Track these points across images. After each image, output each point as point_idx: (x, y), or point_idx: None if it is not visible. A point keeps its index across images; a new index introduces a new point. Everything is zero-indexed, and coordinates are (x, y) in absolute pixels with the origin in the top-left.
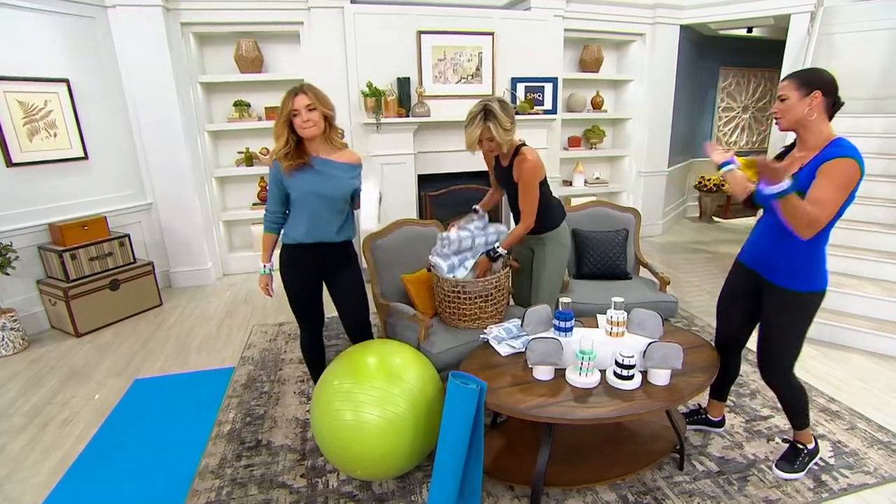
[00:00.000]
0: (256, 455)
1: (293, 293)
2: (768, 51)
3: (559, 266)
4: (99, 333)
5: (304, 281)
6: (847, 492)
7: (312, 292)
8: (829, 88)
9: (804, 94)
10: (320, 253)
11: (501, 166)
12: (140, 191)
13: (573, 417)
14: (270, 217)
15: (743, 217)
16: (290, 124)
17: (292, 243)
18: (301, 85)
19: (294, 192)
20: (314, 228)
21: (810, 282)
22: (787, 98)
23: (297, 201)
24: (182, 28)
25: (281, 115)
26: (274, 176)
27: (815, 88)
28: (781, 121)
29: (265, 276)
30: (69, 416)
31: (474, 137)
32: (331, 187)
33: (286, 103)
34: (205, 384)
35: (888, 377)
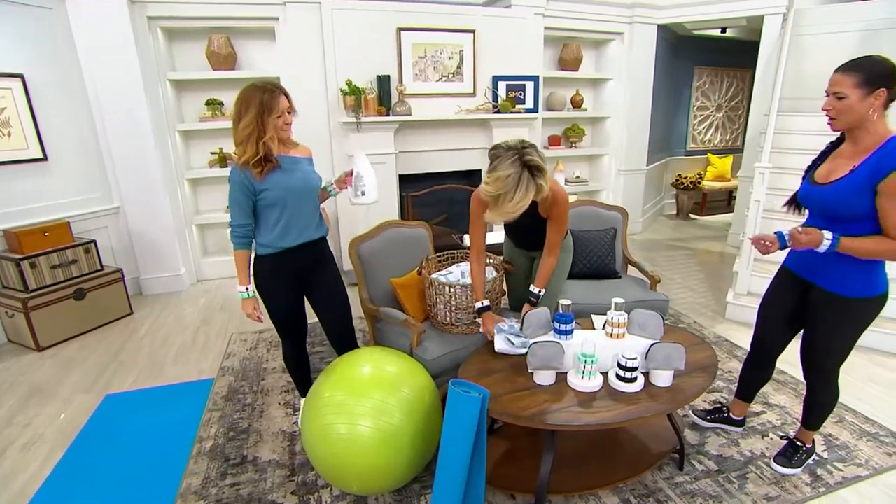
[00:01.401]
0: (242, 472)
1: (279, 306)
2: (740, 51)
3: (566, 272)
4: (63, 347)
5: (289, 290)
6: (842, 485)
7: (299, 301)
8: (893, 83)
9: (867, 92)
10: (302, 255)
11: None
12: (106, 194)
13: (580, 423)
14: (241, 232)
15: (718, 214)
16: (260, 126)
17: (273, 252)
18: (277, 84)
19: (269, 195)
20: (296, 229)
21: (868, 287)
22: (845, 97)
23: (271, 205)
24: (149, 22)
25: (258, 117)
26: (241, 185)
27: (881, 86)
28: (836, 122)
29: (250, 300)
30: (32, 438)
31: (524, 205)
32: (304, 182)
33: (269, 104)
34: (183, 398)
35: (865, 367)
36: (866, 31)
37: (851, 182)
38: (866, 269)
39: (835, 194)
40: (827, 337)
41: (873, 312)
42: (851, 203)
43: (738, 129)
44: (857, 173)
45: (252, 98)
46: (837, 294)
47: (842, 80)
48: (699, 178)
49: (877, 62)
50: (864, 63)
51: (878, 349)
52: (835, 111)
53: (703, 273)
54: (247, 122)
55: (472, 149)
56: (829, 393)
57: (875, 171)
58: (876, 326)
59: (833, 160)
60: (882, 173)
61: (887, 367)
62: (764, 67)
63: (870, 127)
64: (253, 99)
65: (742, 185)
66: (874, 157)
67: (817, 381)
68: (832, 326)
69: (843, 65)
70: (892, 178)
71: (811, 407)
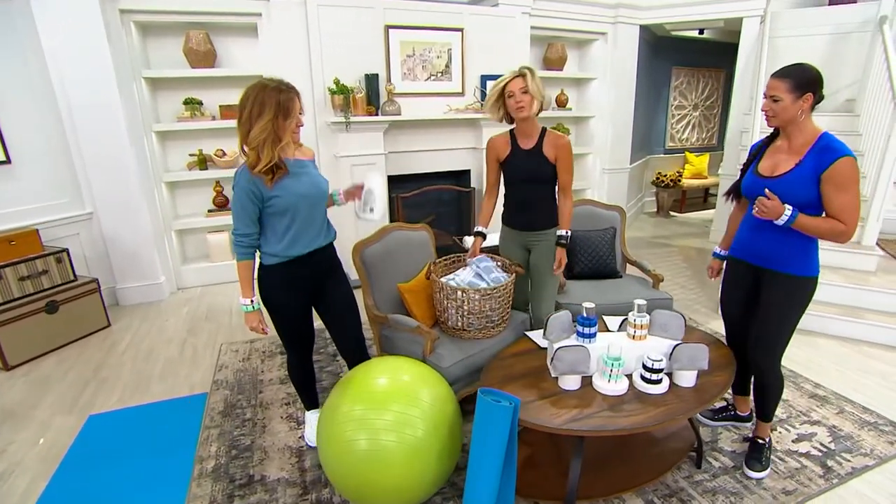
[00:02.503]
0: (251, 493)
1: (288, 317)
2: (715, 52)
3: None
4: (35, 364)
5: (298, 301)
6: (853, 475)
7: (308, 312)
8: (818, 88)
9: (797, 96)
10: (311, 263)
11: (521, 150)
12: (77, 199)
13: (615, 428)
14: (246, 241)
15: (697, 211)
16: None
17: (281, 261)
18: (290, 84)
19: (278, 202)
20: (306, 237)
21: (807, 267)
22: (780, 99)
23: (280, 213)
24: (122, 15)
25: (274, 120)
26: (250, 192)
27: (808, 91)
28: (772, 120)
29: (254, 313)
30: (8, 467)
31: (505, 80)
32: (313, 186)
33: (287, 106)
34: (175, 415)
35: (857, 359)
36: (835, 34)
37: (799, 174)
38: (807, 251)
39: (785, 185)
40: (781, 315)
41: (813, 291)
42: (800, 192)
43: (713, 128)
44: (803, 166)
45: (268, 99)
46: (788, 274)
47: (777, 84)
48: (679, 176)
49: (806, 70)
50: (796, 70)
51: (867, 341)
52: (772, 111)
53: (691, 270)
54: (263, 125)
55: (461, 149)
56: (777, 376)
57: (818, 163)
58: (865, 319)
59: (773, 155)
60: (824, 165)
61: (876, 358)
62: (743, 67)
63: (800, 125)
64: (269, 100)
65: (724, 183)
66: (814, 151)
67: (768, 366)
68: (786, 304)
69: (777, 71)
70: (832, 169)
71: (764, 395)
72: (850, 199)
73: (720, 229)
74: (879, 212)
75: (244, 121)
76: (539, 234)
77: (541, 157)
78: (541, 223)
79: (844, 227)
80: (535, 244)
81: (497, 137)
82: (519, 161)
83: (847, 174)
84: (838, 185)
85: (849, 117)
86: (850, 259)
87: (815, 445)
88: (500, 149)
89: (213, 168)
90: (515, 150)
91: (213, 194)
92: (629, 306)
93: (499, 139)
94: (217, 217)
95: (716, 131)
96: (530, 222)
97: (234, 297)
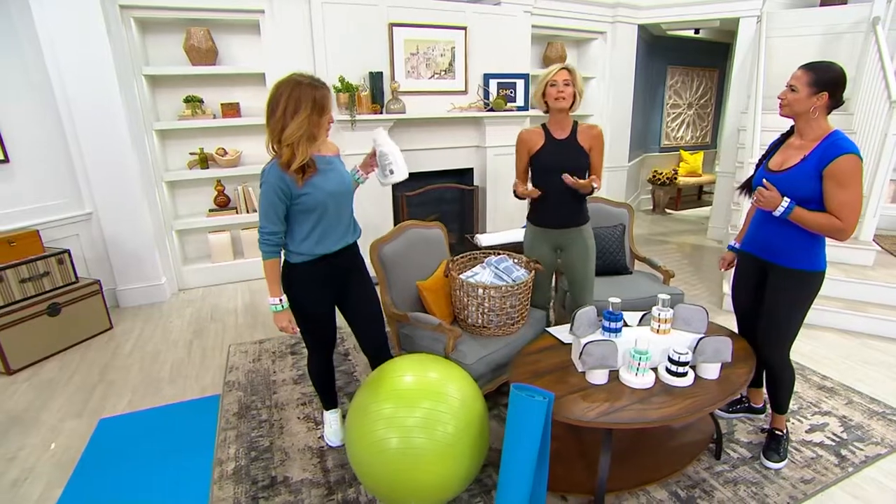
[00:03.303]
0: (275, 495)
1: (314, 316)
2: (709, 52)
3: (593, 258)
4: (38, 368)
5: (324, 300)
6: (867, 464)
7: (333, 311)
8: (836, 91)
9: (814, 91)
10: (339, 260)
11: (555, 140)
12: (76, 199)
13: (647, 420)
14: (274, 239)
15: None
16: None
17: (308, 259)
18: (322, 80)
19: (307, 200)
20: (334, 234)
21: (813, 262)
22: (797, 90)
23: (308, 211)
24: (122, 11)
25: (310, 117)
26: (279, 190)
27: (825, 90)
28: (784, 108)
29: (283, 312)
30: (21, 473)
31: (551, 71)
32: (341, 183)
33: (322, 103)
34: (189, 418)
35: (861, 352)
36: (828, 34)
37: (802, 169)
38: (813, 246)
39: (789, 179)
40: (789, 309)
41: (819, 285)
42: (803, 187)
43: (706, 127)
44: (808, 161)
45: (304, 95)
46: (794, 269)
47: (800, 75)
48: (674, 173)
49: (831, 69)
50: (821, 67)
51: (869, 333)
52: (785, 100)
53: (692, 266)
54: (299, 122)
55: (464, 147)
56: (788, 368)
57: (821, 159)
58: (866, 312)
59: (784, 151)
60: (826, 161)
61: (879, 350)
62: (739, 67)
63: (812, 123)
64: (305, 96)
65: (721, 181)
66: (821, 148)
67: (778, 358)
68: (793, 299)
69: (806, 63)
70: (833, 165)
71: (777, 387)
72: (850, 197)
73: (718, 226)
74: (876, 208)
75: (278, 117)
76: (573, 230)
77: (576, 146)
78: (575, 220)
79: (842, 225)
80: (570, 243)
81: (528, 131)
82: (554, 150)
83: (848, 171)
84: (839, 182)
85: (843, 115)
86: (848, 254)
87: (828, 435)
88: (532, 141)
89: (215, 167)
90: (549, 141)
91: (214, 194)
92: (642, 302)
93: (530, 132)
94: (218, 217)
95: (709, 130)
96: (564, 219)
97: (238, 297)
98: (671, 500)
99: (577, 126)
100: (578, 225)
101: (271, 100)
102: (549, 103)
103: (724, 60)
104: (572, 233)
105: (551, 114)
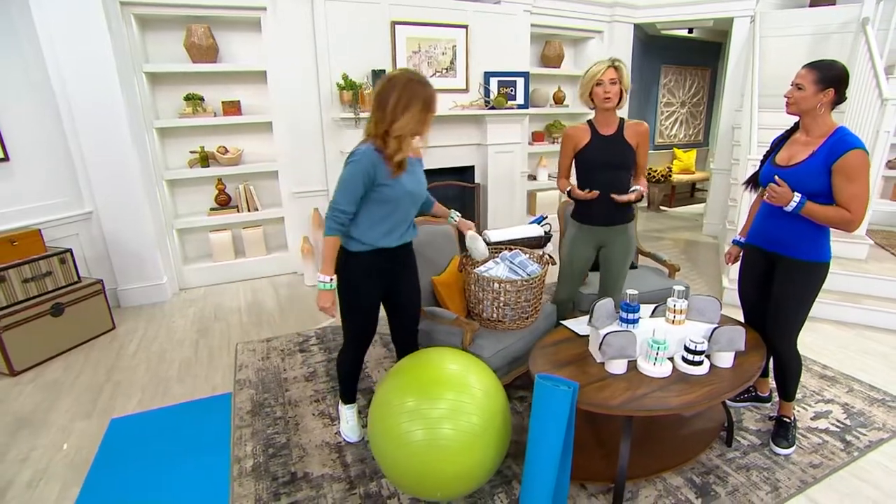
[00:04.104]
0: (297, 490)
1: (365, 307)
2: (702, 51)
3: (631, 255)
4: (42, 369)
5: (375, 293)
6: (871, 448)
7: (379, 304)
8: (840, 87)
9: (820, 88)
10: (396, 256)
11: (602, 137)
12: (76, 197)
13: (669, 407)
14: (343, 219)
15: (687, 205)
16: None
17: (368, 250)
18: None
19: (387, 192)
20: (399, 231)
21: (819, 253)
22: (803, 88)
23: (383, 202)
24: (122, 8)
25: (421, 113)
26: (367, 173)
27: (831, 86)
28: (791, 107)
29: (330, 292)
30: (35, 474)
31: (598, 72)
32: (419, 185)
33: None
34: (201, 416)
35: (857, 342)
36: (817, 34)
37: (811, 164)
38: (818, 238)
39: (798, 175)
40: (796, 299)
41: (825, 275)
42: (811, 182)
43: (699, 125)
44: (816, 157)
45: (417, 91)
46: (802, 260)
47: (805, 74)
48: (669, 171)
49: (835, 66)
50: (825, 65)
51: (865, 324)
52: (792, 98)
53: (689, 261)
54: (411, 116)
55: (465, 145)
56: (796, 357)
57: (830, 154)
58: (862, 304)
59: (790, 146)
60: (835, 156)
61: (875, 340)
62: (734, 66)
63: (818, 119)
64: (418, 93)
65: (716, 177)
66: (828, 143)
67: (785, 347)
68: (800, 289)
69: (810, 62)
70: (842, 160)
71: (785, 375)
72: (859, 190)
73: (713, 222)
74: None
75: (389, 110)
76: (618, 228)
77: (623, 142)
78: (620, 217)
79: (851, 217)
80: (612, 240)
81: (574, 128)
82: (600, 146)
83: (857, 166)
84: (848, 176)
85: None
86: (843, 248)
87: (832, 422)
88: (578, 137)
89: (216, 165)
90: (596, 137)
91: (215, 192)
92: (651, 295)
93: (577, 129)
94: (220, 216)
95: (702, 128)
96: (610, 217)
97: (241, 296)
98: (687, 487)
99: (624, 122)
100: (624, 222)
101: (382, 92)
102: (595, 102)
103: (715, 60)
104: (617, 230)
105: (597, 111)
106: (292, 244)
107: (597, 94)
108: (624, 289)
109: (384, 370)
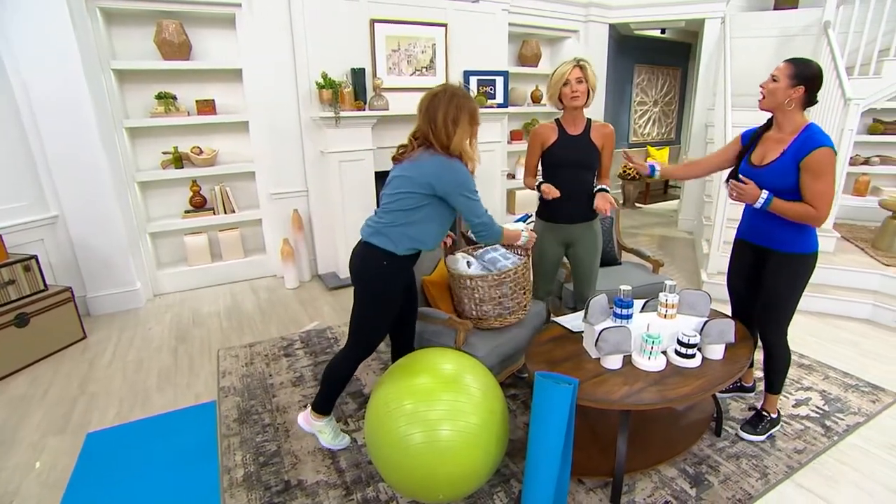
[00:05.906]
0: (292, 499)
1: (391, 312)
2: (673, 51)
3: (599, 252)
4: (6, 384)
5: (400, 298)
6: (849, 432)
7: None
8: (812, 86)
9: (792, 84)
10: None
11: (569, 136)
12: (40, 201)
13: (668, 400)
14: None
15: (662, 202)
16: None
17: (410, 253)
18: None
19: None
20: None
21: (806, 245)
22: (778, 80)
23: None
24: (86, 2)
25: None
26: None
27: (802, 84)
28: (764, 101)
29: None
30: (5, 497)
31: (564, 72)
32: None
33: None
34: (184, 426)
35: (828, 331)
36: (781, 36)
37: (783, 163)
38: (804, 230)
39: (772, 173)
40: (786, 291)
41: (813, 266)
42: (783, 180)
43: (671, 123)
44: (786, 155)
45: (465, 104)
46: (791, 252)
47: (783, 67)
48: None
49: (810, 66)
50: (802, 63)
51: (833, 314)
52: (766, 90)
53: (667, 256)
54: (461, 131)
55: None
56: (786, 349)
57: (798, 151)
58: (829, 294)
59: (763, 145)
60: (803, 153)
61: (844, 329)
62: (705, 66)
63: (788, 115)
64: (465, 106)
65: None
66: (798, 140)
67: (775, 340)
68: (789, 281)
69: (790, 57)
70: (810, 157)
71: (773, 368)
72: (825, 188)
73: (687, 217)
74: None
75: (440, 125)
76: (581, 226)
77: (589, 143)
78: (583, 215)
79: (816, 213)
80: (578, 238)
81: (543, 126)
82: (567, 145)
83: (823, 163)
84: (815, 173)
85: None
86: None
87: (812, 409)
88: (546, 135)
89: (190, 167)
90: (563, 136)
91: (189, 194)
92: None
93: (545, 127)
94: (195, 218)
95: (674, 126)
96: (573, 214)
97: (220, 301)
98: (681, 477)
99: (591, 123)
100: (588, 220)
101: (428, 107)
102: (564, 102)
103: (686, 60)
104: (582, 227)
105: (566, 110)
106: (271, 246)
107: (565, 94)
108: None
109: (372, 372)
